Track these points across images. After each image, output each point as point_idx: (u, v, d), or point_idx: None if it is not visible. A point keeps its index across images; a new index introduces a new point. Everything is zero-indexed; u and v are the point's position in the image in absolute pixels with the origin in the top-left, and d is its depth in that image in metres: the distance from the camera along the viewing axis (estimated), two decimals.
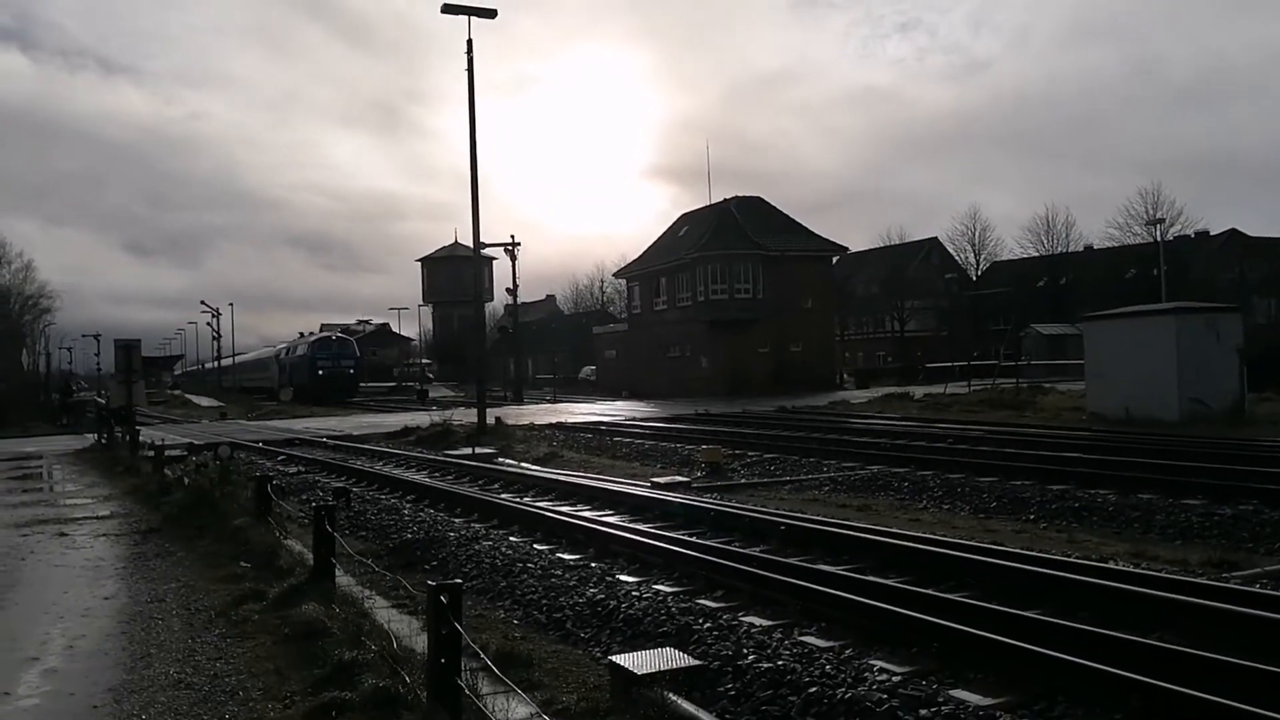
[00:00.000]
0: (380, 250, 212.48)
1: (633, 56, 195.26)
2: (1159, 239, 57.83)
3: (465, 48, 29.00)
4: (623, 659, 6.11)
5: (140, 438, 25.28)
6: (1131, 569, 8.59)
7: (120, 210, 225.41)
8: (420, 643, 5.95)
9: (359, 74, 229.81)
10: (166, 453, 20.08)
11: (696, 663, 6.21)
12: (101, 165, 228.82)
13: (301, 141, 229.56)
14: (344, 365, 67.91)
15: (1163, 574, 8.20)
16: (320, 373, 66.08)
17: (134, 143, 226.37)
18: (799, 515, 11.78)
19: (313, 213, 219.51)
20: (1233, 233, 73.41)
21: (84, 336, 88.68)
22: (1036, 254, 78.47)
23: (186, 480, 15.88)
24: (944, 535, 10.45)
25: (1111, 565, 8.71)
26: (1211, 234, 72.35)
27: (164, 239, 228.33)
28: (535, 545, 10.99)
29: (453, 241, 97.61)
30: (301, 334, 78.61)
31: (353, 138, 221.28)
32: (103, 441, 28.53)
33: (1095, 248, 75.76)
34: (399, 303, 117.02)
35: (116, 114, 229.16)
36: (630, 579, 9.00)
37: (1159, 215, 64.65)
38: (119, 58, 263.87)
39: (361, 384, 72.29)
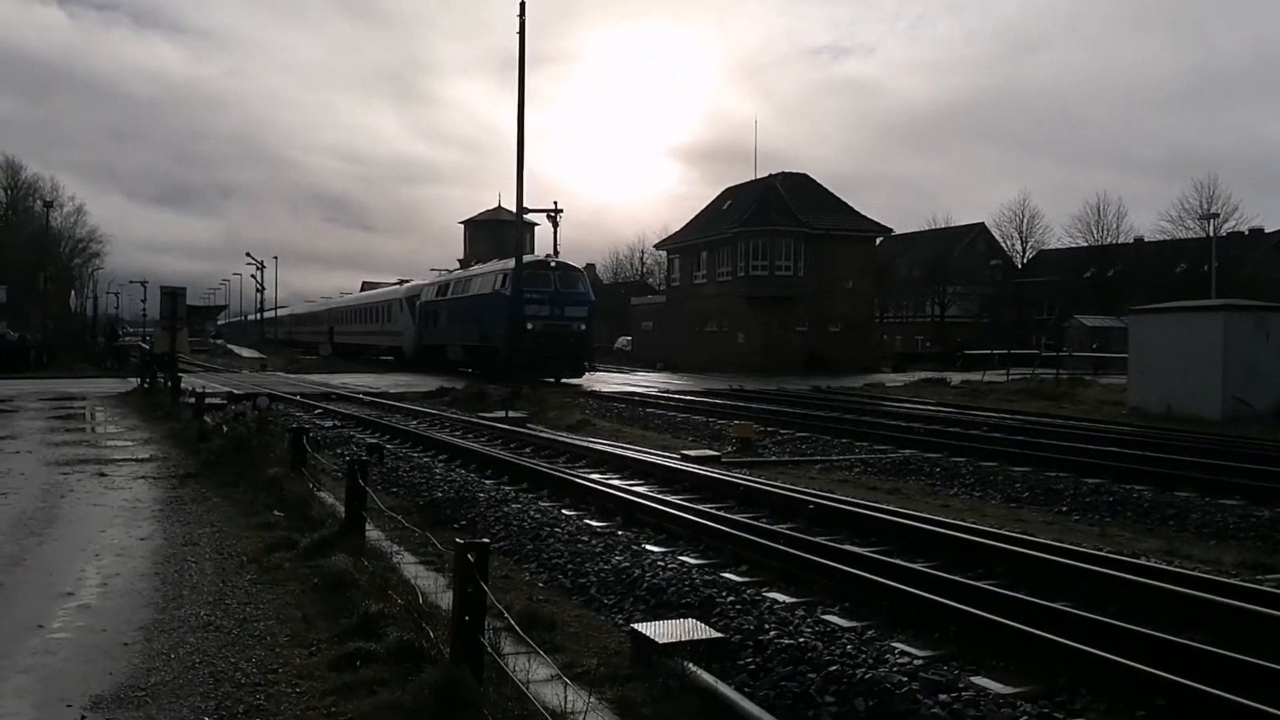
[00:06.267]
0: (401, 213, 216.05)
1: (670, 28, 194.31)
2: (1211, 234, 56.52)
3: (518, 10, 29.18)
4: (645, 627, 6.14)
5: (182, 384, 25.63)
6: (1163, 566, 8.49)
7: (147, 164, 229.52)
8: (445, 600, 6.00)
9: (368, 44, 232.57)
10: (206, 400, 20.34)
11: (718, 635, 6.22)
12: (130, 119, 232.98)
13: (322, 105, 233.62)
14: (570, 317, 36.75)
15: (1195, 573, 8.09)
16: (530, 326, 34.67)
17: (161, 99, 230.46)
18: (828, 495, 11.74)
19: (332, 175, 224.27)
20: None
21: (131, 282, 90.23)
22: (1085, 244, 77.19)
23: (225, 428, 16.09)
24: (974, 522, 10.37)
25: (1143, 561, 8.61)
26: (1266, 231, 70.88)
27: (191, 193, 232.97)
28: (563, 510, 11.06)
29: (495, 205, 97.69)
30: (460, 262, 51.46)
31: (370, 105, 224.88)
32: (145, 386, 28.98)
33: (1146, 240, 74.48)
34: (430, 265, 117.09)
35: (145, 68, 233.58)
36: (656, 549, 9.03)
37: (1213, 210, 63.39)
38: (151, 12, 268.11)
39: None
